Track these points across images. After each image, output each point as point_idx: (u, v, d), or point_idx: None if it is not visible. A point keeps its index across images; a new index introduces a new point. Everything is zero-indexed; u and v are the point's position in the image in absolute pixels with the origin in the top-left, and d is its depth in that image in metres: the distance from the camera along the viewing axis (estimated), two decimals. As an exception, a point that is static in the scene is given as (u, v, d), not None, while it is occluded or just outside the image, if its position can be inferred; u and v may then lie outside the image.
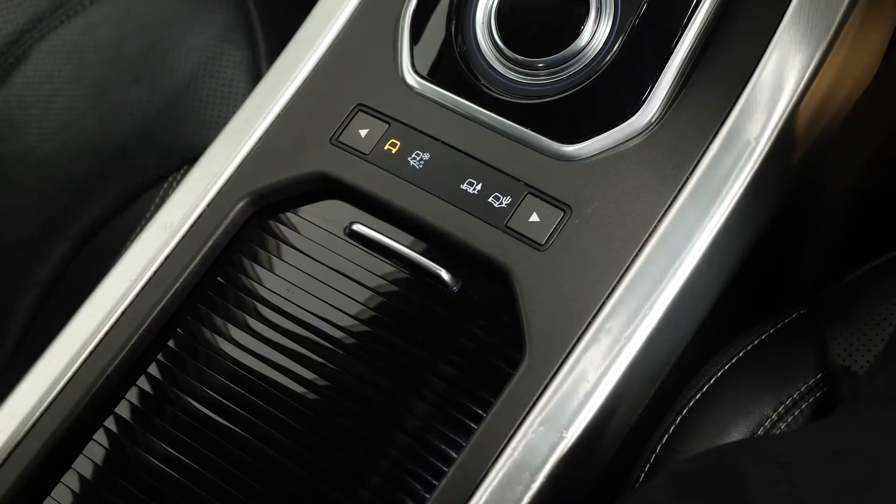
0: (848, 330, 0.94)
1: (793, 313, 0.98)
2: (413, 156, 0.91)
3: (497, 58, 0.91)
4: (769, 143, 0.86)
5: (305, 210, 0.93)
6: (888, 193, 1.18)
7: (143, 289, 0.91)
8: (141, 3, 1.15)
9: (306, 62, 0.97)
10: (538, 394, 0.81)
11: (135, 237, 0.97)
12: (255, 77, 1.14)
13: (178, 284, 0.90)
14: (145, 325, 0.89)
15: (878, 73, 0.98)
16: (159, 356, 0.90)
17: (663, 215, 0.85)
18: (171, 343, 0.90)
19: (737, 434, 0.90)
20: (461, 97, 0.92)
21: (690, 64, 0.88)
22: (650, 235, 0.84)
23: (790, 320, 0.97)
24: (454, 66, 0.92)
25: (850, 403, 0.84)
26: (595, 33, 0.90)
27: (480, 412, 0.83)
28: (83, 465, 0.89)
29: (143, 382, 0.90)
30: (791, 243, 1.06)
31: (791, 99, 0.86)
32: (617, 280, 0.83)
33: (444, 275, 0.87)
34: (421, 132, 0.91)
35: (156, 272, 0.91)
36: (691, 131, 0.86)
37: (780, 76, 0.86)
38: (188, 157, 1.12)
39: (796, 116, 0.87)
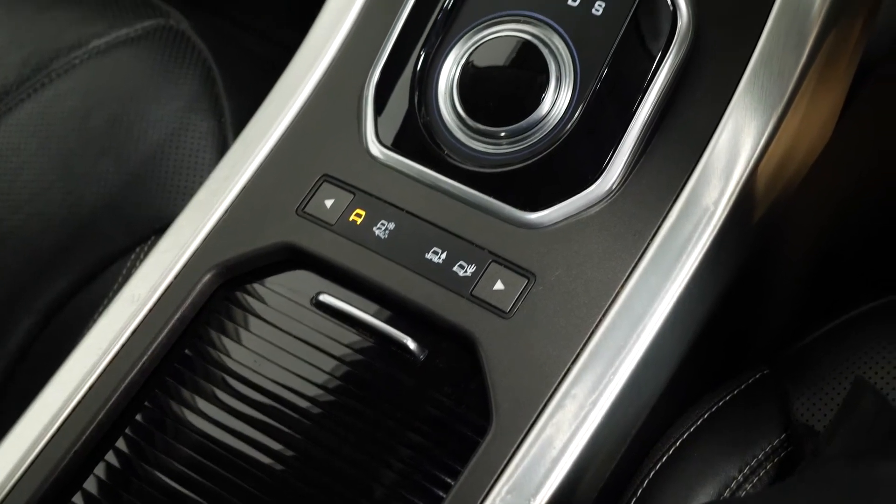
0: (810, 389, 0.95)
1: (756, 373, 0.99)
2: (378, 225, 0.92)
3: (460, 127, 0.93)
4: (727, 209, 0.87)
5: (272, 281, 0.94)
6: (845, 253, 1.20)
7: (110, 363, 0.91)
8: (107, 75, 1.16)
9: (272, 133, 0.98)
10: (505, 461, 0.82)
11: (102, 310, 0.97)
12: (222, 147, 1.15)
13: (145, 358, 0.91)
14: (113, 399, 0.90)
15: (833, 135, 1.00)
16: (127, 430, 0.90)
17: (625, 281, 0.86)
18: (138, 417, 0.91)
19: (703, 496, 0.91)
20: (425, 167, 0.93)
21: (649, 131, 0.90)
22: (613, 301, 0.85)
23: (753, 381, 0.98)
24: (418, 137, 0.94)
25: (812, 462, 0.85)
26: (556, 102, 0.91)
27: (449, 481, 0.84)
28: (51, 541, 0.88)
29: (111, 457, 0.90)
30: (752, 304, 1.08)
31: (747, 165, 0.88)
32: (581, 346, 0.84)
33: (410, 344, 0.88)
34: (386, 202, 0.92)
35: (123, 346, 0.91)
36: (651, 198, 0.88)
37: (737, 143, 0.88)
38: (156, 228, 1.13)
39: (753, 181, 0.88)
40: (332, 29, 1.01)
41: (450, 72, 0.94)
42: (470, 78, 0.93)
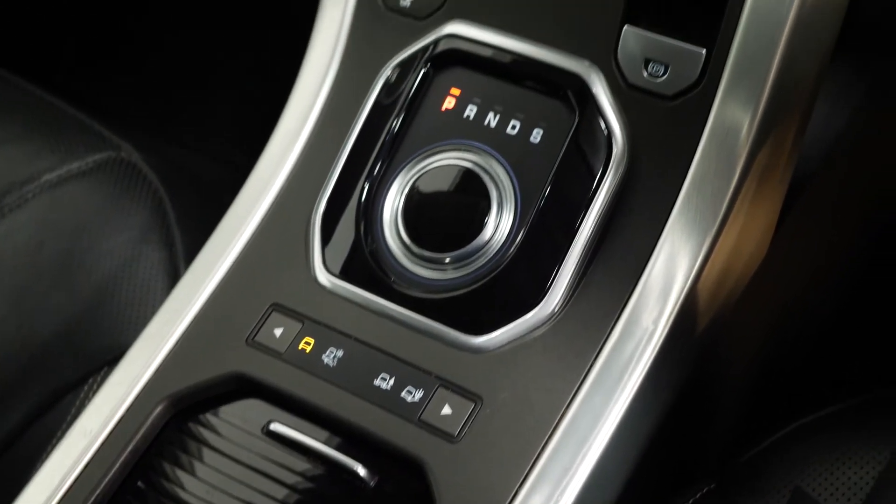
0: (757, 503, 0.97)
1: (703, 487, 1.00)
2: (327, 353, 0.93)
3: (405, 254, 0.95)
4: (667, 328, 0.90)
5: (224, 410, 0.95)
6: (786, 363, 1.22)
7: (63, 497, 0.91)
8: (59, 208, 1.18)
9: (221, 263, 1.00)
10: None
11: (55, 444, 0.97)
12: (174, 276, 1.16)
13: (98, 492, 0.91)
14: (66, 535, 0.90)
15: (770, 249, 1.03)
16: (80, 566, 0.90)
17: (570, 403, 0.88)
18: (92, 552, 0.91)
19: None
20: (372, 294, 0.95)
21: (589, 254, 0.92)
22: (558, 423, 0.87)
23: (701, 495, 1.00)
24: (364, 265, 0.96)
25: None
26: (498, 227, 0.94)
27: None
28: None
29: None
30: (697, 418, 1.09)
31: (685, 285, 0.90)
32: (528, 469, 0.86)
33: (361, 470, 0.89)
34: (334, 329, 0.94)
35: (76, 480, 0.92)
36: (592, 320, 0.90)
37: (673, 264, 0.91)
38: (108, 360, 1.14)
39: (691, 300, 0.91)
40: (280, 160, 1.03)
41: (394, 200, 0.96)
42: (414, 206, 0.96)
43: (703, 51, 0.91)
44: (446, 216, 0.96)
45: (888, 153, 1.26)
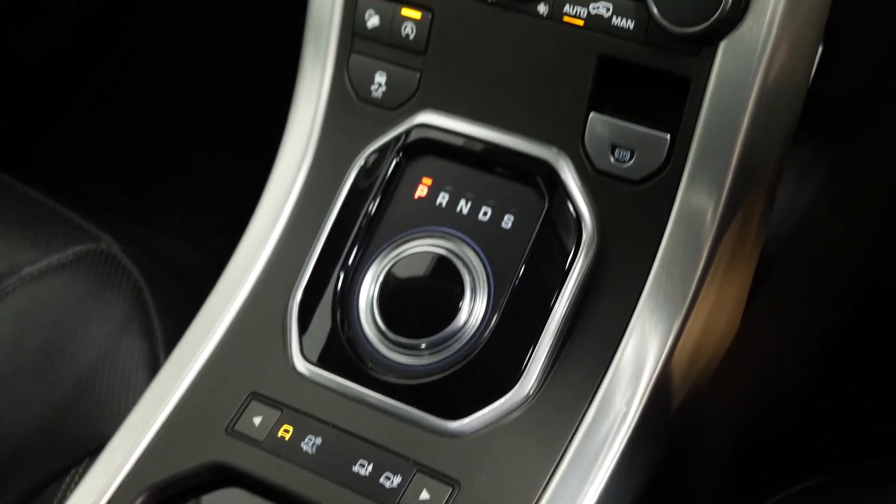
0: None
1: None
2: (306, 440, 0.94)
3: (381, 341, 0.97)
4: (640, 408, 0.91)
5: (205, 500, 0.96)
6: (766, 436, 1.24)
7: (44, 592, 0.92)
8: (40, 301, 1.19)
9: (201, 353, 1.01)
10: None
11: (37, 537, 0.98)
12: (154, 366, 1.17)
13: (78, 585, 0.92)
14: None
15: (741, 326, 1.05)
16: None
17: (546, 485, 0.89)
18: None
19: None
20: (349, 381, 0.96)
21: (562, 337, 0.94)
22: None
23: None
24: (342, 352, 0.97)
25: None
26: (472, 312, 0.96)
27: None
28: None
29: None
30: (676, 493, 1.10)
31: (656, 365, 0.92)
32: (505, 554, 0.87)
33: (341, 556, 0.90)
34: (312, 417, 0.95)
35: (57, 574, 0.92)
36: (566, 402, 0.92)
37: (644, 345, 0.92)
38: (90, 450, 1.14)
39: (663, 380, 0.93)
40: (256, 250, 1.05)
41: (369, 288, 0.98)
42: (389, 293, 0.97)
43: (668, 136, 0.94)
44: (421, 302, 0.98)
45: (854, 229, 1.29)
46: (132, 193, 1.95)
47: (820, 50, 0.98)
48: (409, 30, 1.01)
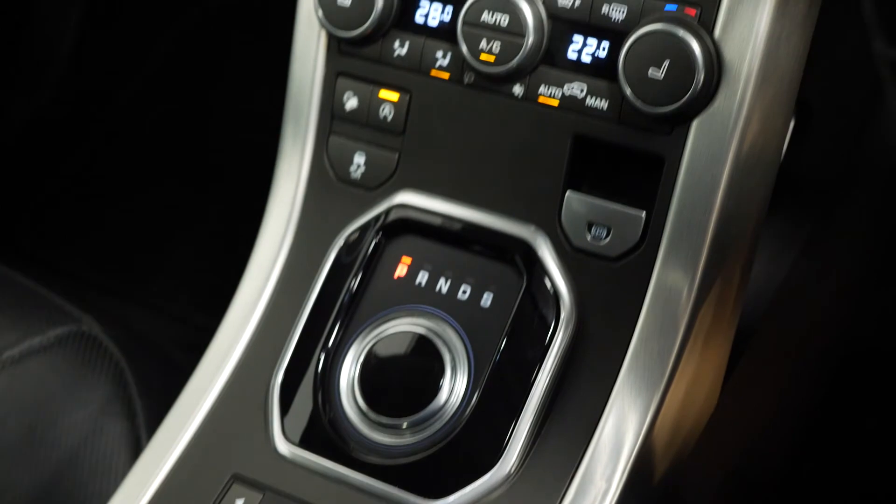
0: None
1: None
2: (287, 523, 0.95)
3: (363, 421, 0.97)
4: (621, 484, 0.91)
5: (187, 585, 0.95)
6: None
7: None
8: (20, 384, 1.19)
9: (182, 435, 1.01)
10: None
11: None
12: (136, 448, 1.17)
13: None
14: None
15: (721, 399, 1.05)
16: None
17: (529, 564, 0.89)
18: None
19: None
20: (331, 462, 0.96)
21: (542, 414, 0.94)
22: None
23: None
24: (323, 433, 0.98)
25: None
26: (453, 391, 0.96)
27: None
28: None
29: None
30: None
31: (636, 442, 0.92)
32: None
33: None
34: (294, 499, 0.95)
35: None
36: (547, 480, 0.92)
37: (624, 421, 0.93)
38: (71, 534, 1.14)
39: (644, 456, 0.93)
40: (238, 330, 1.06)
41: (350, 368, 0.98)
42: (370, 373, 0.98)
43: (643, 214, 0.95)
44: (402, 382, 0.98)
45: (832, 300, 1.30)
46: (113, 267, 1.96)
47: (792, 123, 1.00)
48: (387, 111, 1.02)
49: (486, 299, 0.98)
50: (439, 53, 0.99)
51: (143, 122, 2.02)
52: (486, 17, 0.95)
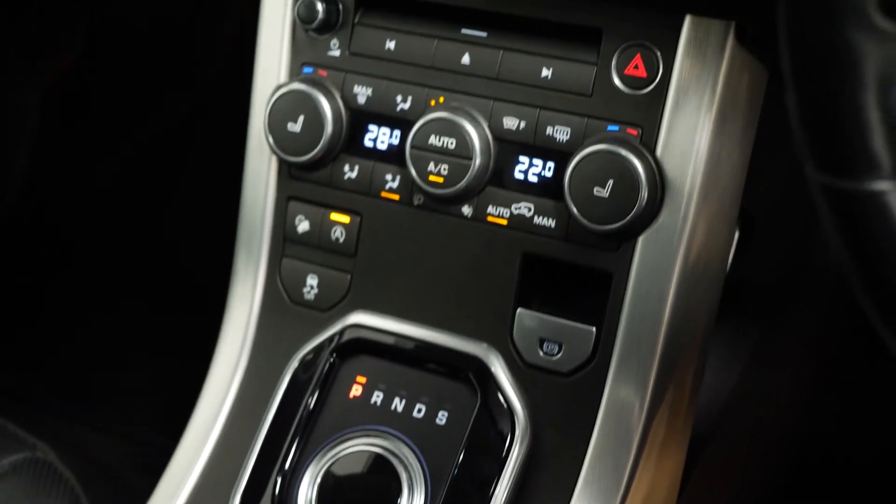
0: None
1: None
2: None
3: None
4: None
5: None
6: None
7: None
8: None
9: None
10: None
11: None
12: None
13: None
14: None
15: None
16: None
17: None
18: None
19: None
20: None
21: (500, 531, 0.95)
22: None
23: None
24: None
25: None
26: None
27: None
28: None
29: None
30: None
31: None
32: None
33: None
34: None
35: None
36: None
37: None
38: None
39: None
40: (194, 454, 1.06)
41: (308, 489, 0.98)
42: (328, 494, 0.98)
43: (594, 329, 0.97)
44: (360, 502, 0.98)
45: (782, 403, 1.32)
46: (70, 390, 1.94)
47: (736, 234, 1.02)
48: (338, 233, 1.04)
49: (442, 417, 0.99)
50: (389, 176, 1.01)
51: (96, 241, 2.02)
52: (433, 140, 0.97)
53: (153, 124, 1.97)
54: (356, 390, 1.02)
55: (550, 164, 0.96)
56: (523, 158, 0.97)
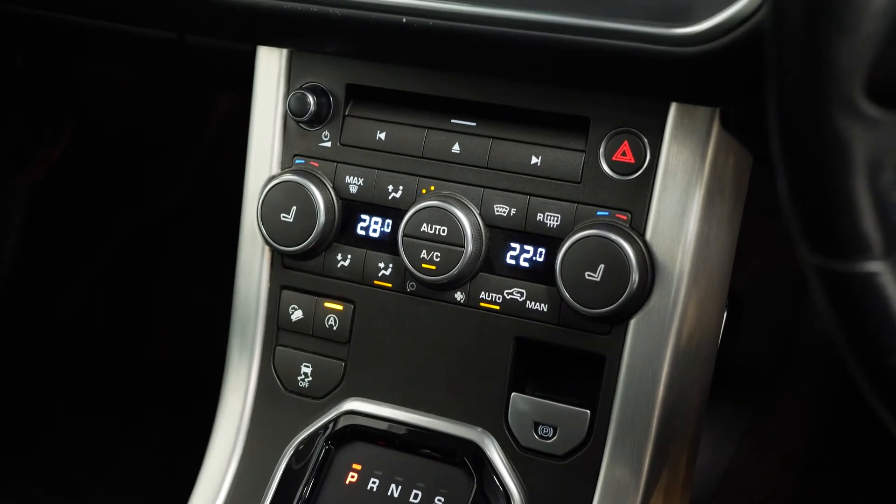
0: None
1: None
2: None
3: None
4: None
5: None
6: None
7: None
8: None
9: None
10: None
11: None
12: None
13: None
14: None
15: None
16: None
17: None
18: None
19: None
20: None
21: None
22: None
23: None
24: None
25: None
26: None
27: None
28: None
29: None
30: None
31: None
32: None
33: None
34: None
35: None
36: None
37: None
38: None
39: None
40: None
41: None
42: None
43: (588, 412, 0.97)
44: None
45: (776, 480, 1.32)
46: (57, 484, 1.93)
47: (725, 315, 1.03)
48: (332, 321, 1.04)
49: (438, 502, 0.99)
50: (381, 264, 1.02)
51: (84, 331, 2.02)
52: (425, 228, 0.98)
53: (139, 214, 1.98)
54: (352, 477, 1.02)
55: (541, 250, 0.98)
56: (514, 244, 0.98)
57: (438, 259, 0.98)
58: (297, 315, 1.06)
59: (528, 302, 0.98)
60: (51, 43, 1.40)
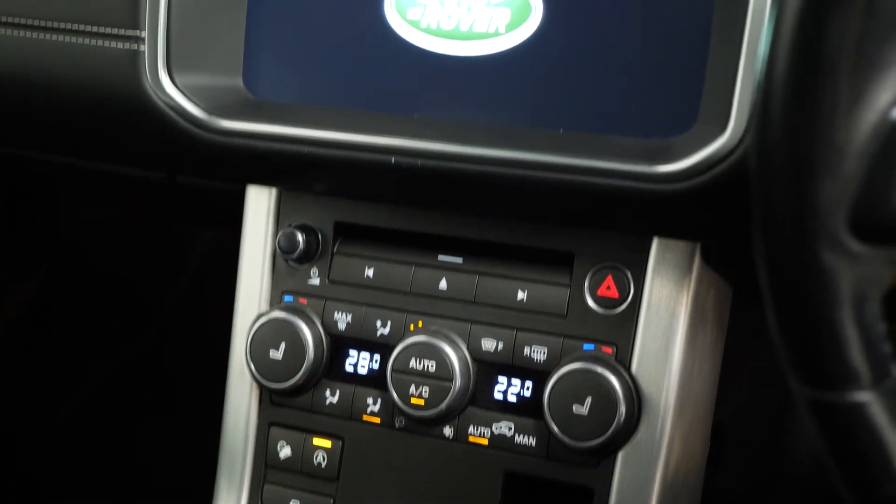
0: None
1: None
2: None
3: None
4: None
5: None
6: None
7: None
8: None
9: None
10: None
11: None
12: None
13: None
14: None
15: None
16: None
17: None
18: None
19: None
20: None
21: None
22: None
23: None
24: None
25: None
26: None
27: None
28: None
29: None
30: None
31: None
32: None
33: None
34: None
35: None
36: None
37: None
38: None
39: None
40: None
41: None
42: None
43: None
44: None
45: None
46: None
47: (708, 447, 1.04)
48: (320, 458, 1.05)
49: None
50: (370, 399, 1.03)
51: (62, 473, 2.00)
52: (413, 363, 0.99)
53: (117, 354, 1.98)
54: None
55: (529, 384, 0.99)
56: (502, 378, 0.99)
57: (427, 394, 0.99)
58: (285, 452, 1.06)
59: (517, 436, 0.99)
60: (36, 183, 1.41)
